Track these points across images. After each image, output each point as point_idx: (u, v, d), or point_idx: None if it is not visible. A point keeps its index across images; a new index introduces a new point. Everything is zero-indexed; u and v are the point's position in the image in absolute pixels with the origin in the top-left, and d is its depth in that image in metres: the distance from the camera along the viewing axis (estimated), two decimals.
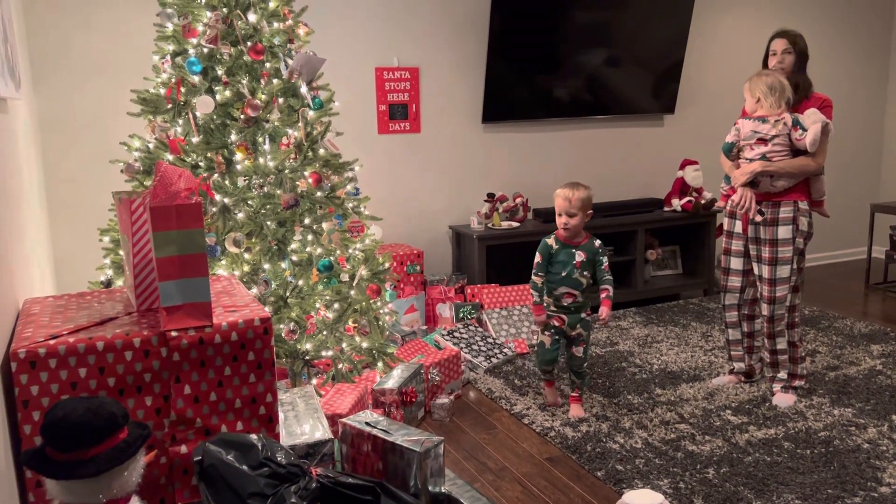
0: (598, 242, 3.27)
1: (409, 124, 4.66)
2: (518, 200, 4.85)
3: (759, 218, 3.21)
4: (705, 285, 5.27)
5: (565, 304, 3.25)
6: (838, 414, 3.22)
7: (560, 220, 3.22)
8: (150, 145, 3.09)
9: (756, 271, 3.31)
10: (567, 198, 3.19)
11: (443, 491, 2.20)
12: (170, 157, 3.00)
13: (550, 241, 3.27)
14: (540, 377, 3.49)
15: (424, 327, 4.38)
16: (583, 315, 3.28)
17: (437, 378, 3.44)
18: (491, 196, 4.81)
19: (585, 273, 3.23)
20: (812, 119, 3.13)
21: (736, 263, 3.40)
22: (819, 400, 3.37)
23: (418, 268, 4.47)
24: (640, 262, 5.02)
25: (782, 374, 3.37)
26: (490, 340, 4.10)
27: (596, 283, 3.26)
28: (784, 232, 3.20)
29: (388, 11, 4.53)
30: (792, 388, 3.38)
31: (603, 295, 3.20)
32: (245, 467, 1.70)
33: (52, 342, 1.73)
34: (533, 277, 3.28)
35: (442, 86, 4.72)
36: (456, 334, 4.06)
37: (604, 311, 3.17)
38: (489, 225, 4.72)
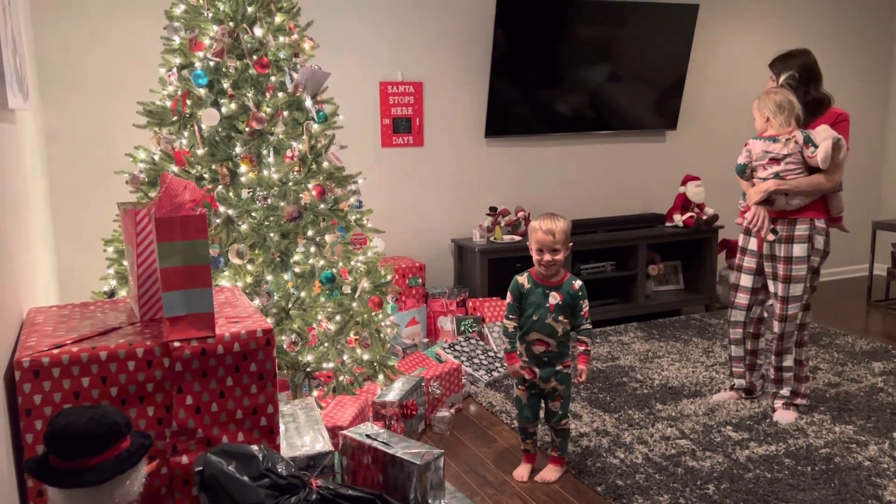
0: (577, 283, 2.79)
1: (412, 138, 4.69)
2: (520, 214, 4.87)
3: (771, 237, 3.20)
4: (707, 301, 5.27)
5: (536, 352, 2.79)
6: (839, 431, 3.22)
7: (543, 258, 2.73)
8: (156, 157, 3.11)
9: (771, 288, 3.28)
10: (550, 231, 2.71)
11: None
12: (175, 168, 3.02)
13: (522, 279, 2.81)
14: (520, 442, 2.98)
15: (426, 340, 4.39)
16: (558, 367, 2.80)
17: (438, 391, 3.44)
18: (493, 210, 4.83)
19: (561, 318, 2.76)
20: (823, 136, 3.11)
21: (746, 280, 3.39)
22: (820, 417, 3.36)
23: (420, 281, 4.48)
24: (641, 277, 5.03)
25: (785, 391, 3.37)
26: (491, 354, 4.10)
27: (573, 329, 2.82)
28: (799, 250, 3.18)
29: (393, 26, 4.57)
30: (794, 406, 3.38)
31: (580, 349, 2.77)
32: (246, 478, 1.70)
33: (55, 351, 1.74)
34: (504, 321, 2.82)
35: (445, 100, 4.76)
36: (457, 347, 4.06)
37: (581, 369, 2.75)
38: (491, 238, 4.74)
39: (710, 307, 5.28)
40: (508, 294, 2.82)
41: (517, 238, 4.74)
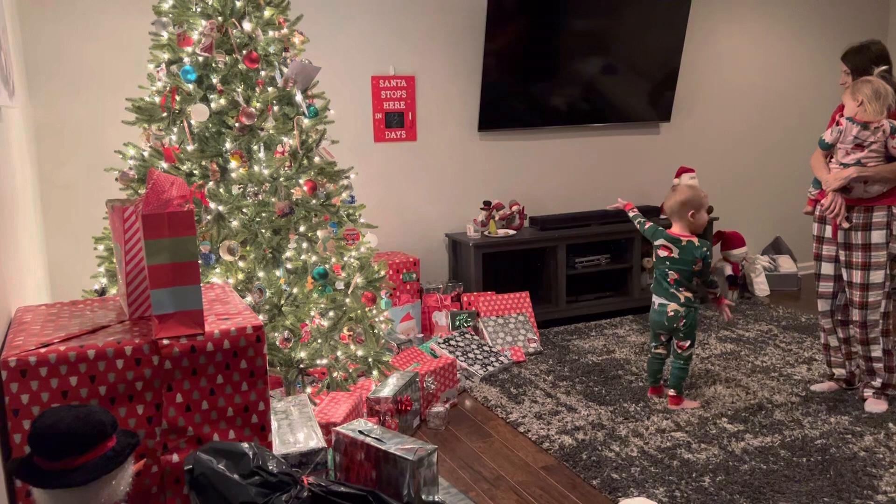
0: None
1: (405, 132, 4.67)
2: (514, 208, 4.85)
3: (846, 225, 3.19)
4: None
5: None
6: (835, 422, 3.21)
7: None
8: (145, 153, 3.09)
9: (846, 277, 3.28)
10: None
11: (436, 500, 2.19)
12: (164, 165, 3.00)
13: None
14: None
15: (420, 335, 4.38)
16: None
17: (433, 386, 3.43)
18: (487, 204, 4.81)
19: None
20: None
21: (827, 269, 3.39)
22: (816, 407, 3.36)
23: (414, 276, 4.46)
24: (636, 269, 5.02)
25: (876, 382, 3.35)
26: (486, 349, 4.09)
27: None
28: (877, 237, 3.17)
29: (384, 20, 4.54)
30: (884, 395, 3.36)
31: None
32: (236, 476, 1.69)
33: (42, 350, 1.72)
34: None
35: (438, 94, 4.73)
36: (452, 342, 4.05)
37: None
38: (485, 233, 4.72)
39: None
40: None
41: (512, 232, 4.73)
